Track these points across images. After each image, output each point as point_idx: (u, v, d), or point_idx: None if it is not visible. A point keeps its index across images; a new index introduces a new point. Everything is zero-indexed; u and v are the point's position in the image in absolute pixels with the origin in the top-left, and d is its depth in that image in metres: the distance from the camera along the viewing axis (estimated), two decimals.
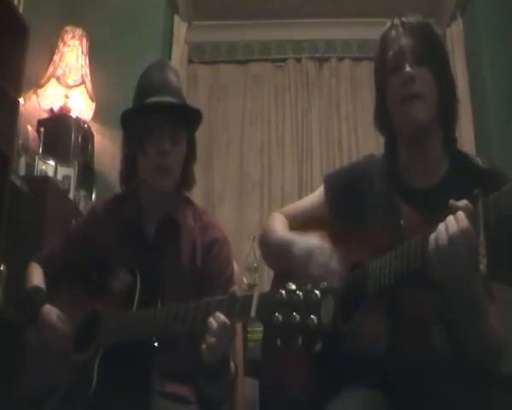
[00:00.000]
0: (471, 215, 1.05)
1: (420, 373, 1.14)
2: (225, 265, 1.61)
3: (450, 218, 1.07)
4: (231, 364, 1.45)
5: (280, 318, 1.10)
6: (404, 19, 1.39)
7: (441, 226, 1.08)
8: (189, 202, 1.71)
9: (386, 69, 1.38)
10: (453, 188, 1.30)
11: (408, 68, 1.33)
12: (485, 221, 1.02)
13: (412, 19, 1.39)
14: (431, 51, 1.36)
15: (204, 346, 1.27)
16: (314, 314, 1.07)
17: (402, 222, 1.21)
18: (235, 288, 1.31)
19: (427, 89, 1.33)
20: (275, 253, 1.52)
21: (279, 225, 1.56)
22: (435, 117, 1.35)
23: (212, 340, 1.25)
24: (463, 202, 1.08)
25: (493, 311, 1.17)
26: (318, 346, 1.27)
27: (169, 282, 1.56)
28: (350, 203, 1.44)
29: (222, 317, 1.25)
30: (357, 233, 1.34)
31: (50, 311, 1.55)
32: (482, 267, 0.99)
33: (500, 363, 1.18)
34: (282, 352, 1.40)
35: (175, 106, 1.59)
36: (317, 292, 1.09)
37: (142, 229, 1.63)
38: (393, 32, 1.39)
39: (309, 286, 1.11)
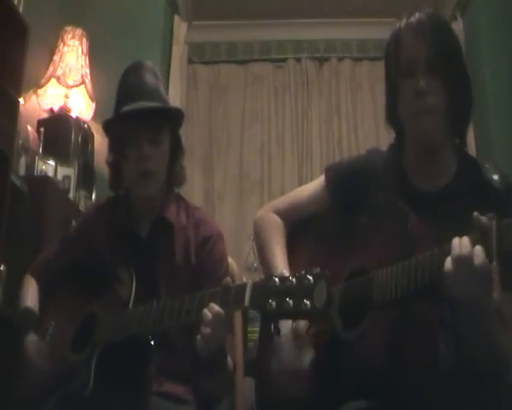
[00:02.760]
0: (485, 238, 1.03)
1: (424, 386, 1.13)
2: (220, 260, 1.61)
3: (466, 252, 1.05)
4: (229, 359, 1.45)
5: (274, 304, 1.10)
6: (419, 17, 1.33)
7: (455, 240, 1.06)
8: (180, 199, 1.71)
9: (399, 70, 1.34)
10: (460, 193, 1.29)
11: (421, 82, 1.28)
12: (499, 246, 1.01)
13: (428, 16, 1.33)
14: (446, 58, 1.31)
15: (199, 337, 1.27)
16: (307, 299, 1.07)
17: (411, 231, 1.20)
18: (228, 278, 1.31)
19: (439, 101, 1.29)
20: (265, 269, 1.51)
21: (273, 241, 1.51)
22: (447, 128, 1.32)
23: (206, 330, 1.25)
24: (485, 220, 1.05)
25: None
26: (312, 330, 1.27)
27: (164, 280, 1.56)
28: (353, 198, 1.40)
29: (216, 307, 1.25)
30: (361, 236, 1.32)
31: (31, 344, 1.55)
32: (496, 295, 0.98)
33: (509, 372, 1.16)
34: (279, 350, 1.40)
35: (150, 110, 1.58)
36: (310, 277, 1.09)
37: (135, 229, 1.63)
38: (408, 33, 1.33)
39: (302, 272, 1.11)
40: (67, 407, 1.41)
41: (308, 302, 1.07)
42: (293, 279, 1.11)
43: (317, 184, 1.53)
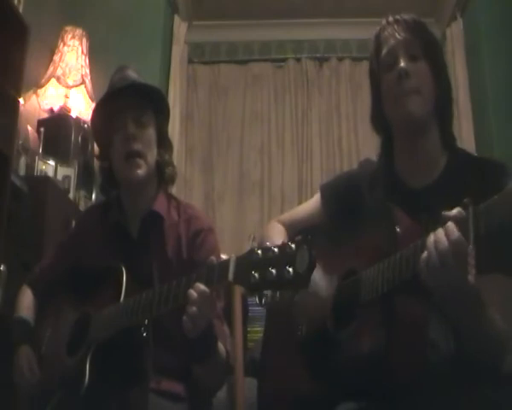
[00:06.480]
0: (461, 224, 1.03)
1: (415, 384, 1.12)
2: (211, 253, 1.61)
3: (440, 231, 1.06)
4: (221, 347, 1.45)
5: (257, 276, 1.10)
6: (397, 16, 1.38)
7: (430, 240, 1.06)
8: (171, 197, 1.72)
9: (380, 68, 1.37)
10: (451, 186, 1.29)
11: (402, 65, 1.31)
12: (476, 230, 1.01)
13: (406, 16, 1.38)
14: (426, 47, 1.34)
15: (185, 317, 1.27)
16: (290, 266, 1.07)
17: (397, 229, 1.20)
18: (212, 257, 1.31)
19: (423, 83, 1.32)
20: None
21: (277, 239, 1.53)
22: (432, 112, 1.33)
23: (192, 309, 1.25)
24: (455, 211, 1.06)
25: (495, 305, 1.14)
26: (297, 297, 1.29)
27: (157, 276, 1.56)
28: (346, 213, 1.43)
29: (201, 286, 1.25)
30: (354, 241, 1.33)
31: (23, 356, 1.56)
32: (471, 278, 0.97)
33: (504, 359, 1.15)
34: (282, 350, 1.40)
35: (127, 87, 1.60)
36: (292, 245, 1.09)
37: (126, 228, 1.63)
38: (387, 31, 1.37)
39: (284, 241, 1.11)
40: (67, 407, 1.41)
41: (290, 269, 1.07)
42: (276, 249, 1.11)
43: (314, 202, 1.58)
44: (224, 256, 1.70)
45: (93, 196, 3.08)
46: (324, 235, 1.48)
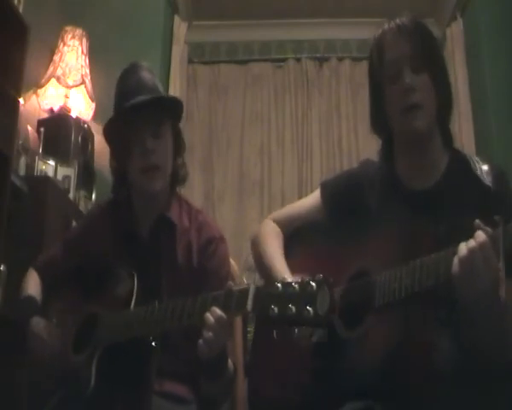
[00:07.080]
0: (492, 239, 1.05)
1: (423, 386, 1.13)
2: (221, 263, 1.62)
3: (470, 240, 1.07)
4: (229, 362, 1.45)
5: (276, 310, 1.10)
6: (398, 21, 1.37)
7: (461, 246, 1.08)
8: (183, 201, 1.71)
9: (383, 76, 1.37)
10: (452, 188, 1.30)
11: (408, 80, 1.32)
12: (505, 247, 1.02)
13: (407, 21, 1.37)
14: (429, 56, 1.35)
15: (201, 341, 1.27)
16: (310, 306, 1.07)
17: (405, 230, 1.21)
18: (230, 282, 1.31)
19: (426, 96, 1.33)
20: (263, 273, 1.52)
21: (272, 245, 1.53)
22: (434, 122, 1.35)
23: (208, 334, 1.25)
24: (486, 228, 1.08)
25: None
26: (315, 338, 1.27)
27: (166, 281, 1.56)
28: (349, 211, 1.42)
29: (218, 311, 1.25)
30: (359, 242, 1.33)
31: (38, 323, 1.56)
32: (502, 294, 0.98)
33: None
34: (273, 348, 1.40)
35: (149, 102, 1.58)
36: (313, 284, 1.08)
37: (136, 230, 1.63)
38: (389, 37, 1.37)
39: (305, 279, 1.11)
40: (69, 406, 1.41)
41: (311, 309, 1.06)
42: (296, 285, 1.11)
43: (313, 198, 1.57)
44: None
45: (93, 196, 3.07)
46: (324, 232, 1.48)
